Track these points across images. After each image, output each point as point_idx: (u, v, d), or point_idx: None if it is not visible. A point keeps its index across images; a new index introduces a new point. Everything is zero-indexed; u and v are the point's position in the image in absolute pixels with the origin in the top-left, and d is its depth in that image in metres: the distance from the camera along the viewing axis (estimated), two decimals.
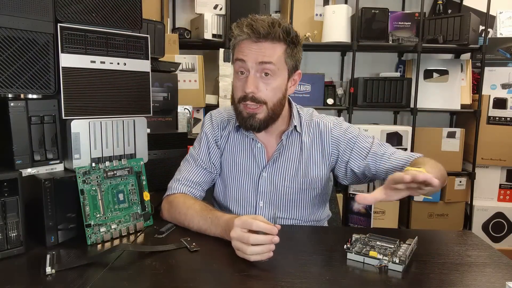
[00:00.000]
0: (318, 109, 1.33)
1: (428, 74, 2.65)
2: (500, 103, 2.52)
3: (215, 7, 2.48)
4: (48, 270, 0.81)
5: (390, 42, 2.50)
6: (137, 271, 0.84)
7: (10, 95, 0.97)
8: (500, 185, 2.64)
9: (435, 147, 2.56)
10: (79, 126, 1.03)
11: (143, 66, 1.15)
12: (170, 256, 0.91)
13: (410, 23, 2.58)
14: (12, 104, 0.94)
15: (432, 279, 0.82)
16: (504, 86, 2.60)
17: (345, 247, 0.91)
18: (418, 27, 2.50)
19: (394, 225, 2.59)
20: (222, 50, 2.42)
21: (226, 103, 2.43)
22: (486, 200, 2.64)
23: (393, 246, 0.90)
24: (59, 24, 0.97)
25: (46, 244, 0.95)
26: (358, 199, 0.84)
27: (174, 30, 2.65)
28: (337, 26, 2.46)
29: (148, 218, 1.10)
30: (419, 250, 0.95)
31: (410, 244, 0.92)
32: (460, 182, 2.58)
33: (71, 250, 0.95)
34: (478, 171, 2.59)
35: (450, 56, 2.87)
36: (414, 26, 2.57)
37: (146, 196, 1.10)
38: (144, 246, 0.98)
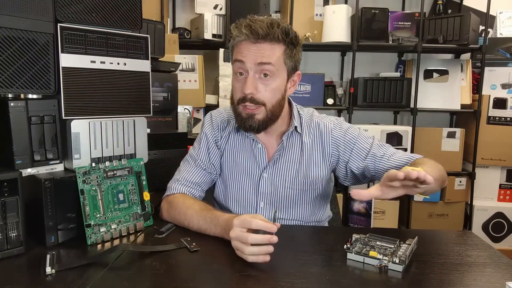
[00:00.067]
0: (318, 109, 1.33)
1: (428, 74, 2.65)
2: (500, 103, 2.52)
3: (215, 7, 2.48)
4: (48, 270, 0.81)
5: (390, 42, 2.50)
6: (137, 271, 0.84)
7: (10, 95, 0.97)
8: (500, 185, 2.64)
9: (435, 147, 2.56)
10: (79, 126, 1.03)
11: (143, 66, 1.15)
12: (170, 256, 0.91)
13: (410, 23, 2.58)
14: (12, 104, 0.94)
15: (432, 279, 0.82)
16: (504, 86, 2.60)
17: (345, 247, 0.91)
18: (418, 27, 2.50)
19: (394, 225, 2.59)
20: (222, 50, 2.42)
21: (226, 103, 2.42)
22: (486, 200, 2.64)
23: (393, 246, 0.90)
24: (59, 24, 0.97)
25: (46, 244, 0.95)
26: (353, 194, 0.84)
27: (174, 30, 2.65)
28: (337, 26, 2.46)
29: (148, 218, 1.10)
30: (419, 250, 0.95)
31: (410, 244, 0.92)
32: (460, 182, 2.58)
33: (71, 250, 0.95)
34: (478, 171, 2.59)
35: (450, 56, 2.87)
36: (414, 26, 2.57)
37: (146, 196, 1.10)
38: (144, 246, 0.98)
